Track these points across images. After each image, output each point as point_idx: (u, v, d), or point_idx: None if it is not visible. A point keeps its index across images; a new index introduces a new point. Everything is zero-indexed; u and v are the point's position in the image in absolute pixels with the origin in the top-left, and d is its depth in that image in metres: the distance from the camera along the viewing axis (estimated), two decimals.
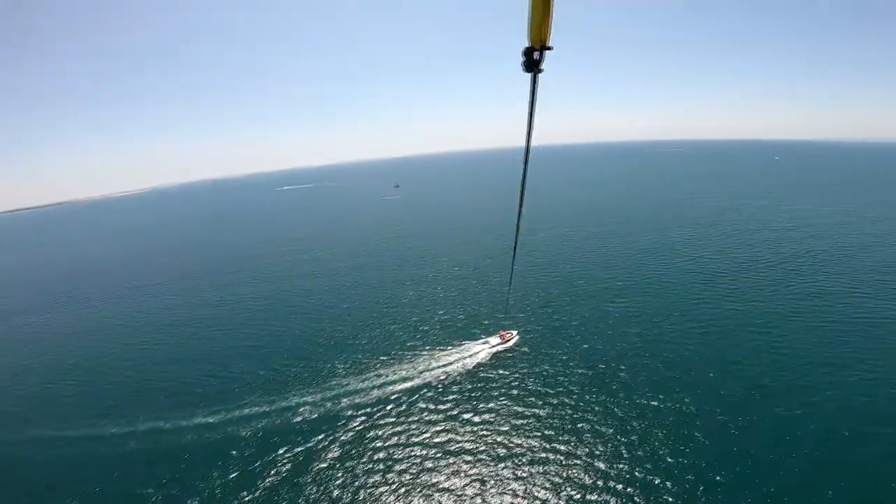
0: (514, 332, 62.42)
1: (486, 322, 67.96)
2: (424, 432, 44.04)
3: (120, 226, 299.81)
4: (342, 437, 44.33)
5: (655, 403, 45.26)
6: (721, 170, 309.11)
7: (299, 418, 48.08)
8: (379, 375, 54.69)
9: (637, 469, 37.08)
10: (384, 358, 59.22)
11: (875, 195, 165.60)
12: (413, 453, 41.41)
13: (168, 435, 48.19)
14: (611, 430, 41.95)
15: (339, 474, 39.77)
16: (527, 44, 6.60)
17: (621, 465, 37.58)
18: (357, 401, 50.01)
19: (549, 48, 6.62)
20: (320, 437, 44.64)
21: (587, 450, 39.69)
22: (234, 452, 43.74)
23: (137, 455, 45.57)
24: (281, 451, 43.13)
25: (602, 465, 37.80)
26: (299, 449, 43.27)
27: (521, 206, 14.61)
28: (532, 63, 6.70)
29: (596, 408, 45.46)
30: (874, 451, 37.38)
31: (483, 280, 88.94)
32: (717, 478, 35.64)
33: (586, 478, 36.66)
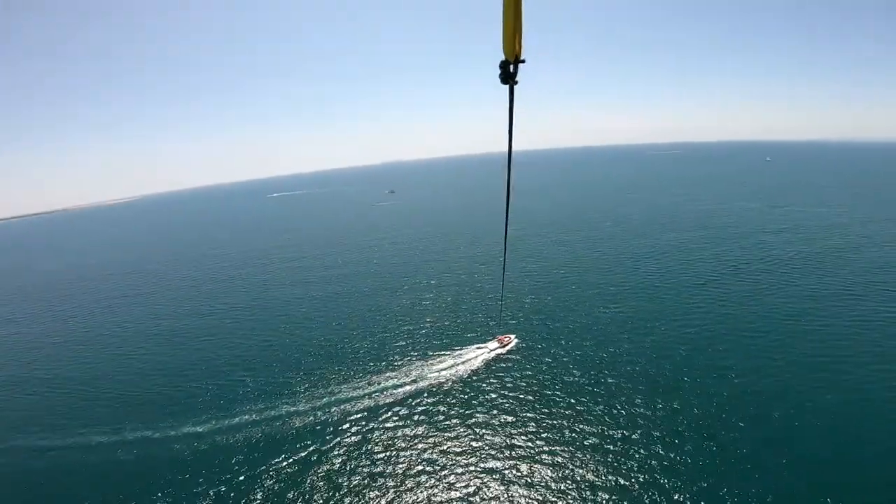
0: (513, 337, 62.12)
1: (481, 328, 67.51)
2: (421, 439, 43.52)
3: (111, 235, 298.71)
4: (335, 446, 43.73)
5: (648, 411, 44.82)
6: (716, 171, 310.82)
7: (289, 428, 47.39)
8: (371, 383, 54.07)
9: (631, 477, 36.64)
10: (378, 365, 58.59)
11: (870, 195, 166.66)
12: (409, 459, 40.86)
13: (157, 445, 47.55)
14: (606, 437, 41.52)
15: (331, 483, 39.14)
16: (502, 57, 6.90)
17: (615, 473, 37.14)
18: (350, 409, 49.40)
19: (522, 61, 6.89)
20: (312, 447, 44.01)
21: (581, 457, 39.23)
22: (223, 462, 43.07)
23: (126, 465, 44.96)
24: (271, 461, 42.49)
25: (596, 472, 37.35)
26: (290, 459, 42.63)
27: (507, 215, 14.78)
28: (508, 75, 6.89)
29: (590, 415, 45.02)
30: (871, 454, 37.17)
31: (477, 286, 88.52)
32: (709, 484, 35.31)
33: (580, 485, 36.19)
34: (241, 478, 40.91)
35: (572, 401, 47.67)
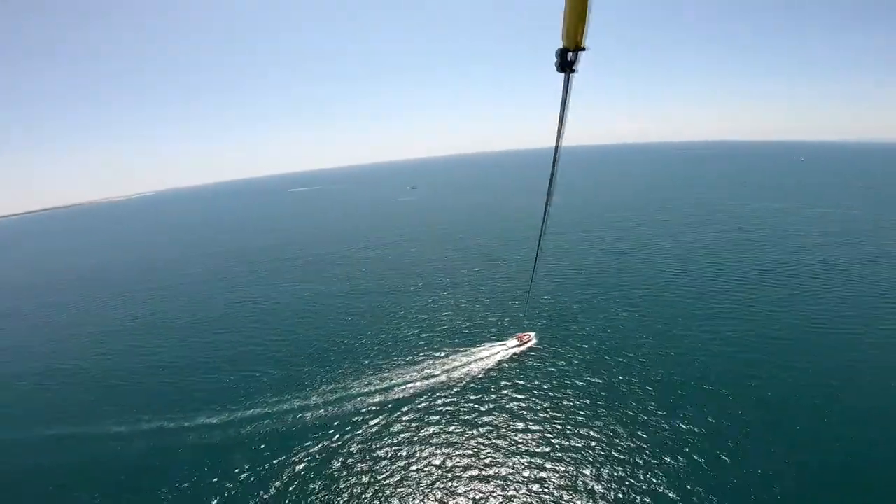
0: (532, 335, 61.41)
1: (498, 326, 66.79)
2: (430, 438, 43.27)
3: (130, 230, 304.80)
4: (345, 442, 43.71)
5: (662, 419, 43.71)
6: (742, 171, 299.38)
7: (301, 422, 47.58)
8: (383, 380, 53.91)
9: (638, 487, 35.82)
10: (393, 362, 58.30)
11: None
12: (417, 458, 40.68)
13: (171, 435, 48.17)
14: (616, 445, 40.61)
15: (338, 480, 39.18)
16: (561, 44, 6.68)
17: (623, 484, 36.31)
18: (361, 406, 49.33)
19: (583, 49, 6.63)
20: (322, 442, 44.08)
21: (590, 465, 38.53)
22: (237, 454, 43.44)
23: (141, 455, 45.62)
24: (282, 455, 42.73)
25: (601, 480, 36.65)
26: (300, 453, 42.77)
27: (547, 206, 14.68)
28: (566, 63, 6.60)
29: (602, 420, 44.08)
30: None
31: (494, 284, 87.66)
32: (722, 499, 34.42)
33: (586, 495, 35.60)
34: (250, 471, 41.18)
35: (586, 402, 46.90)
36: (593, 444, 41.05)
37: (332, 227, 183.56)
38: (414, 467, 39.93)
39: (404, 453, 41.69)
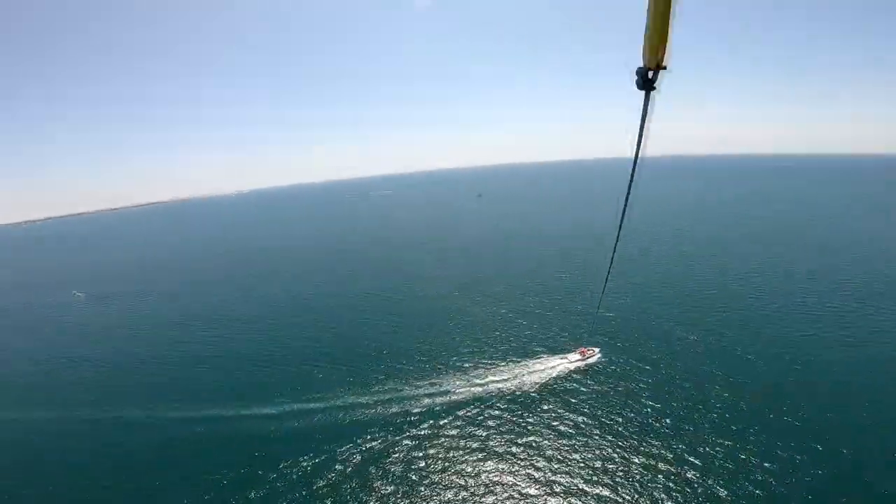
0: (595, 349, 59.33)
1: (555, 341, 65.11)
2: (478, 446, 43.06)
3: (224, 224, 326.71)
4: (392, 442, 44.50)
5: (722, 451, 40.11)
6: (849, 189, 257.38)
7: (352, 419, 49.04)
8: (436, 384, 54.42)
9: None
10: (450, 367, 58.76)
11: None
12: (474, 461, 40.80)
13: (225, 423, 51.01)
14: (669, 472, 37.91)
15: (380, 476, 40.12)
16: (641, 63, 6.71)
17: None
18: (412, 407, 50.14)
19: (663, 68, 6.66)
20: (369, 440, 45.15)
21: (642, 490, 36.17)
22: (284, 446, 45.46)
23: (195, 439, 48.68)
24: (329, 449, 44.18)
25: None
26: (347, 449, 44.03)
27: (622, 219, 15.12)
28: (646, 82, 6.82)
29: (660, 447, 41.26)
30: None
31: (555, 297, 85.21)
32: None
33: None
34: (294, 463, 42.81)
35: (637, 426, 44.62)
36: (639, 469, 38.82)
37: (394, 231, 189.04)
38: (451, 473, 39.86)
39: (444, 459, 41.61)
